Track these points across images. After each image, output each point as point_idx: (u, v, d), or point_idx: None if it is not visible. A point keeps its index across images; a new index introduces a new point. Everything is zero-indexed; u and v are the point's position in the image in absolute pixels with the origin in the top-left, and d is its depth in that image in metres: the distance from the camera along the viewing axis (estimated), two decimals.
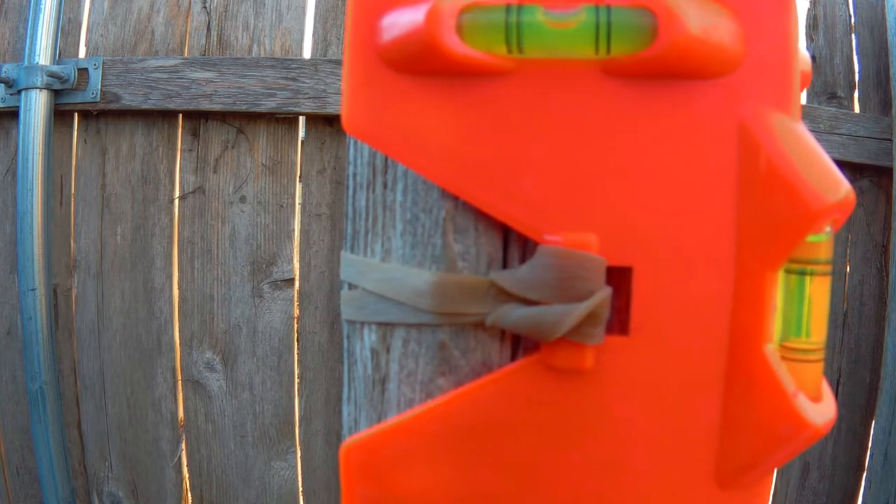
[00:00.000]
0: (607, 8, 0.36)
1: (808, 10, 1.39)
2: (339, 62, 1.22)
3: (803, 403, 0.38)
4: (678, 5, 0.34)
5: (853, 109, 1.38)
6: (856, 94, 1.39)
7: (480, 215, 0.40)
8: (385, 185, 0.42)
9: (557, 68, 0.37)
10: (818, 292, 0.39)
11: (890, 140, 1.33)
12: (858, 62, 1.39)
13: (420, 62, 0.37)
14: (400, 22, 0.37)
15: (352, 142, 0.44)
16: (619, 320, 0.39)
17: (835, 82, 1.38)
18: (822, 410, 0.39)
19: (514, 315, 0.38)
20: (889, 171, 1.34)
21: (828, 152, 1.39)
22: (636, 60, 0.36)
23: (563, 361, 0.38)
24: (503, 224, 0.40)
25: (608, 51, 0.36)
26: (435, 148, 0.38)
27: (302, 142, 1.29)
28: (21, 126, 1.22)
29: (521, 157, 0.38)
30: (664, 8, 0.34)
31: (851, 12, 1.40)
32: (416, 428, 0.40)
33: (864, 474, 1.37)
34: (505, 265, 0.40)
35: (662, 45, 0.35)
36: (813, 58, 1.38)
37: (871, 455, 1.34)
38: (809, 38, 1.38)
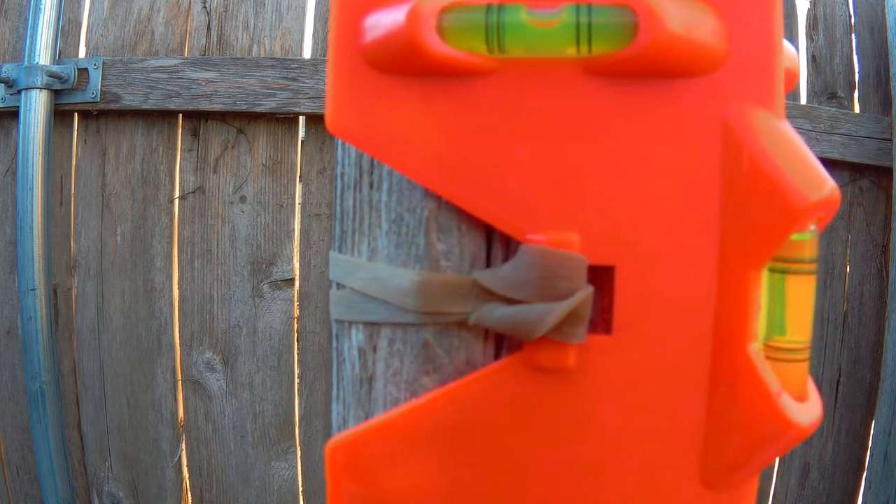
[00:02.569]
0: (588, 6, 0.35)
1: (808, 10, 1.39)
2: None
3: (787, 403, 0.38)
4: (659, 4, 0.34)
5: (853, 109, 1.38)
6: (856, 94, 1.39)
7: (464, 215, 0.40)
8: (371, 185, 0.42)
9: (539, 68, 0.37)
10: (799, 290, 0.38)
11: (890, 140, 1.32)
12: (858, 62, 1.39)
13: (402, 62, 0.37)
14: (382, 22, 0.37)
15: (339, 142, 0.44)
16: (602, 319, 0.38)
17: (835, 82, 1.37)
18: (807, 410, 0.39)
19: (496, 314, 0.38)
20: (889, 171, 1.33)
21: (828, 152, 1.37)
22: (617, 59, 0.36)
23: (545, 360, 0.38)
24: (486, 223, 0.40)
25: (589, 50, 0.36)
26: (418, 148, 0.38)
27: (302, 142, 1.29)
28: (21, 126, 1.22)
29: (503, 157, 0.38)
30: (644, 6, 0.34)
31: (851, 12, 1.40)
32: (401, 426, 0.40)
33: (864, 474, 1.36)
34: (488, 264, 0.40)
35: (643, 43, 0.35)
36: (813, 58, 1.37)
37: (871, 455, 1.33)
38: (809, 38, 1.38)
